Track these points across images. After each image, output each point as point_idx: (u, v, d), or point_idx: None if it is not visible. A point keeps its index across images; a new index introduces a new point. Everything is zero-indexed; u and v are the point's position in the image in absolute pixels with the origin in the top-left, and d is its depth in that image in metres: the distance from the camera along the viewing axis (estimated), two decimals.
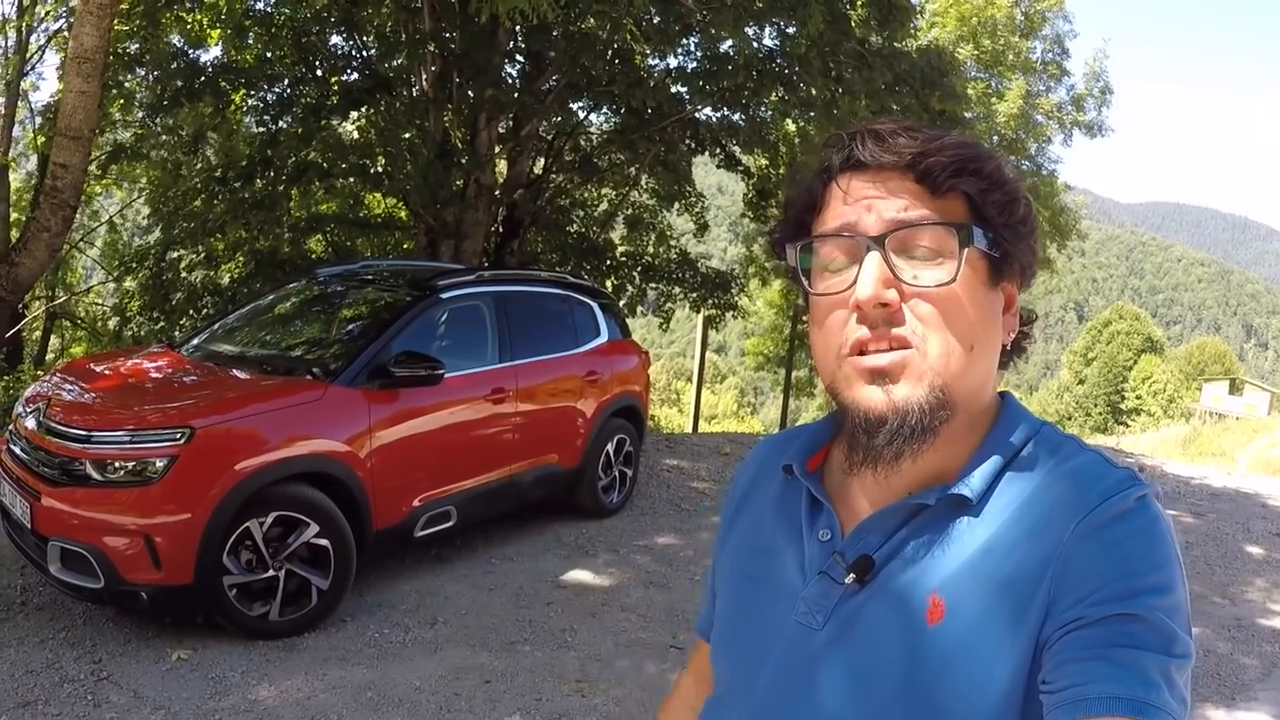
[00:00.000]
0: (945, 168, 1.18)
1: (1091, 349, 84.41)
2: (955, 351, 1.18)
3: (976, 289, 1.21)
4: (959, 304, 1.18)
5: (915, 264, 1.18)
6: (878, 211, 1.20)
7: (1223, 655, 6.84)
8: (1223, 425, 49.87)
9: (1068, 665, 1.05)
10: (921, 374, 1.18)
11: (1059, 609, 1.09)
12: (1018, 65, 30.03)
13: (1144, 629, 1.04)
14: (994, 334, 1.25)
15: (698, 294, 18.32)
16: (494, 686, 5.47)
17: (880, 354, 1.19)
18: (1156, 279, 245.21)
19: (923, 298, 1.18)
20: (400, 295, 7.41)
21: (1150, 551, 1.10)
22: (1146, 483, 1.17)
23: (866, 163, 1.21)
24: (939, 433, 1.20)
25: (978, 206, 1.21)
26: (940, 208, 1.19)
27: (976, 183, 1.20)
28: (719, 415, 60.47)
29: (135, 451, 5.38)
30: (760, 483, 1.49)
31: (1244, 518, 11.17)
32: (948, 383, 1.18)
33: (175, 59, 13.52)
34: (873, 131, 1.21)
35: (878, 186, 1.21)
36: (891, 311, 1.18)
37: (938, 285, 1.17)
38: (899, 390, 1.18)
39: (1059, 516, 1.14)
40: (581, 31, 13.76)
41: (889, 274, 1.18)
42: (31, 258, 9.34)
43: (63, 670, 5.18)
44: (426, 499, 6.81)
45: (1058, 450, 1.24)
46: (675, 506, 9.58)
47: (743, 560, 1.44)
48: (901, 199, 1.19)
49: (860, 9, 14.04)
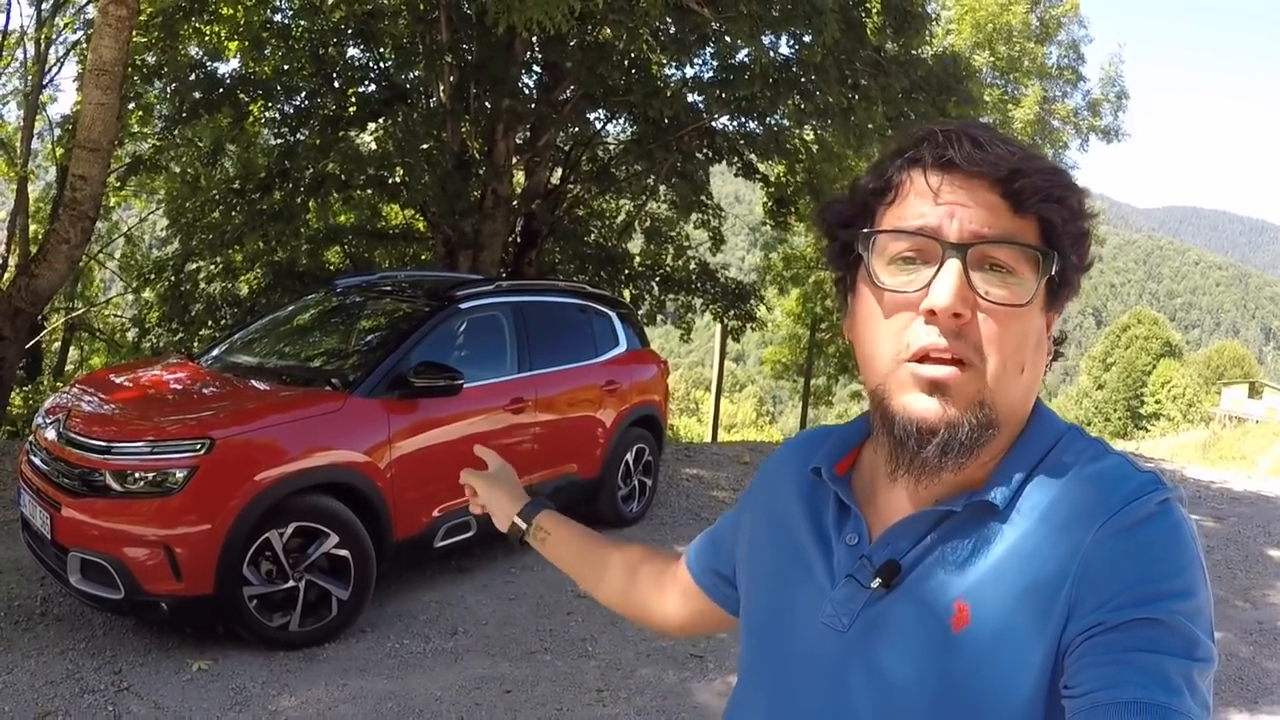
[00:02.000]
0: (1037, 190, 1.17)
1: (1110, 354, 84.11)
2: (1010, 373, 1.18)
3: (1036, 314, 1.20)
4: (1021, 326, 1.18)
5: (989, 280, 1.17)
6: (961, 219, 1.18)
7: (1245, 659, 6.81)
8: (1242, 429, 49.59)
9: (1090, 670, 1.05)
10: (978, 391, 1.17)
11: (1081, 613, 1.09)
12: (1034, 71, 30.01)
13: (1166, 633, 1.04)
14: (1041, 355, 1.24)
15: (718, 305, 18.30)
16: (514, 696, 5.46)
17: (942, 365, 1.17)
18: (1174, 283, 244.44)
19: (991, 315, 1.17)
20: (419, 306, 7.42)
21: (1173, 555, 1.10)
22: (1170, 486, 1.16)
23: (959, 165, 1.18)
24: (982, 450, 1.20)
25: (1054, 234, 1.19)
26: (1019, 227, 1.18)
27: (1060, 211, 1.18)
28: (738, 424, 60.47)
29: (155, 462, 5.38)
30: (789, 478, 1.48)
31: (1265, 521, 11.13)
32: (997, 403, 1.18)
33: (194, 70, 13.59)
34: (971, 135, 1.19)
35: (965, 193, 1.18)
36: (962, 324, 1.16)
37: (1009, 305, 1.16)
38: (953, 407, 1.17)
39: (1082, 520, 1.13)
40: (598, 42, 13.79)
41: (965, 286, 1.16)
42: (51, 269, 9.36)
43: (83, 681, 5.19)
44: (446, 509, 6.80)
45: (1083, 454, 1.23)
46: (695, 515, 9.57)
47: (772, 561, 1.44)
48: (985, 211, 1.18)
49: (876, 17, 14.02)
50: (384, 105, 13.80)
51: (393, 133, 14.11)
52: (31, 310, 9.86)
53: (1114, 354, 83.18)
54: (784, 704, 1.32)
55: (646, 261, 18.28)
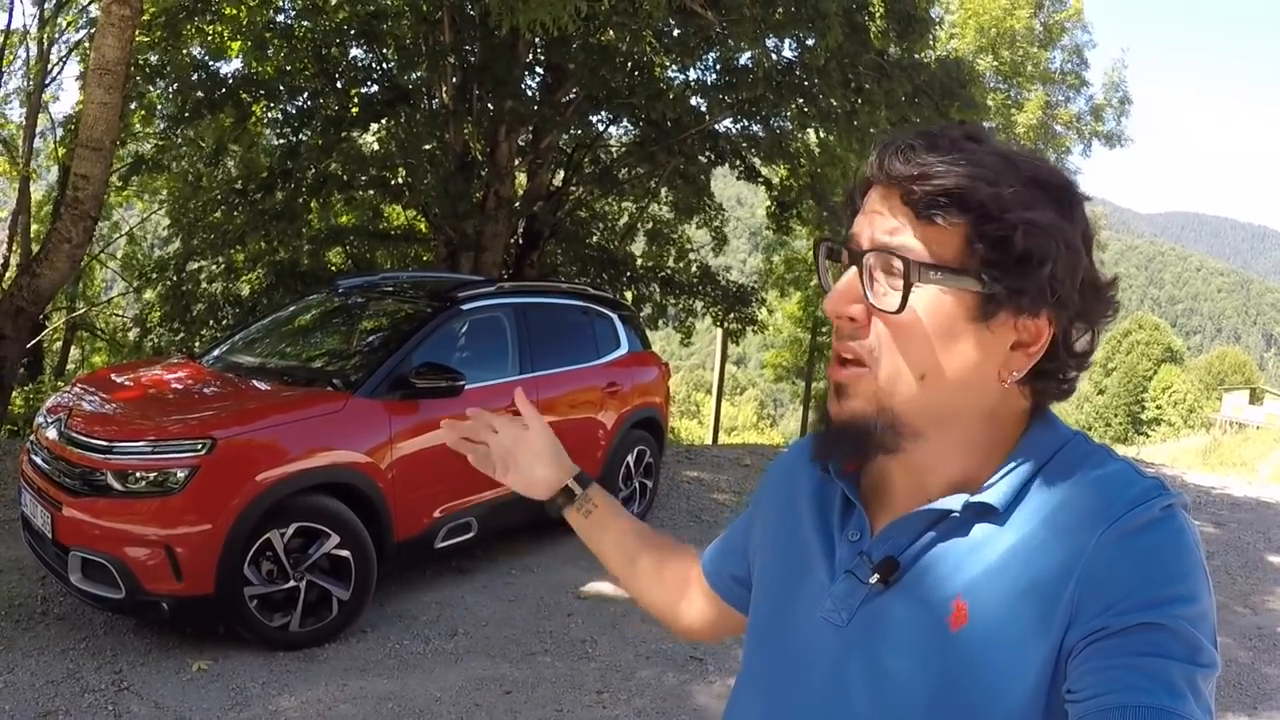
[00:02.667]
0: (925, 197, 1.15)
1: (1111, 359, 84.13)
2: (904, 377, 1.19)
3: (948, 321, 1.18)
4: (910, 332, 1.18)
5: (890, 283, 1.18)
6: (873, 228, 1.21)
7: (1244, 665, 6.82)
8: (1243, 435, 49.65)
9: (1093, 674, 1.04)
10: (870, 393, 1.21)
11: (1084, 617, 1.08)
12: (1037, 76, 30.07)
13: (1169, 638, 1.04)
14: (962, 366, 1.20)
15: (719, 307, 18.31)
16: (514, 697, 5.46)
17: (841, 366, 1.24)
18: (1176, 289, 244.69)
19: (880, 319, 1.20)
20: (421, 307, 7.42)
21: (1177, 561, 1.10)
22: (1174, 492, 1.15)
23: (882, 177, 1.20)
24: (902, 449, 1.23)
25: (969, 239, 1.16)
26: (930, 234, 1.16)
27: (959, 215, 1.15)
28: (739, 427, 60.58)
29: (156, 462, 5.39)
30: (801, 476, 1.49)
31: (1265, 527, 11.13)
32: (895, 407, 1.20)
33: (196, 70, 13.59)
34: (908, 144, 1.19)
35: (883, 203, 1.21)
36: (857, 326, 1.22)
37: (889, 310, 1.18)
38: (847, 404, 1.23)
39: (1084, 524, 1.13)
40: (601, 44, 13.81)
41: (857, 288, 1.20)
42: (52, 268, 9.36)
43: (83, 680, 5.19)
44: (447, 510, 6.81)
45: (1087, 459, 1.22)
46: (695, 518, 9.57)
47: (777, 555, 1.46)
48: (894, 220, 1.19)
49: (879, 20, 14.02)
50: (386, 106, 13.82)
51: (395, 133, 14.11)
52: (33, 309, 9.86)
53: (1115, 359, 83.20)
54: (782, 699, 1.33)
55: (648, 264, 18.29)
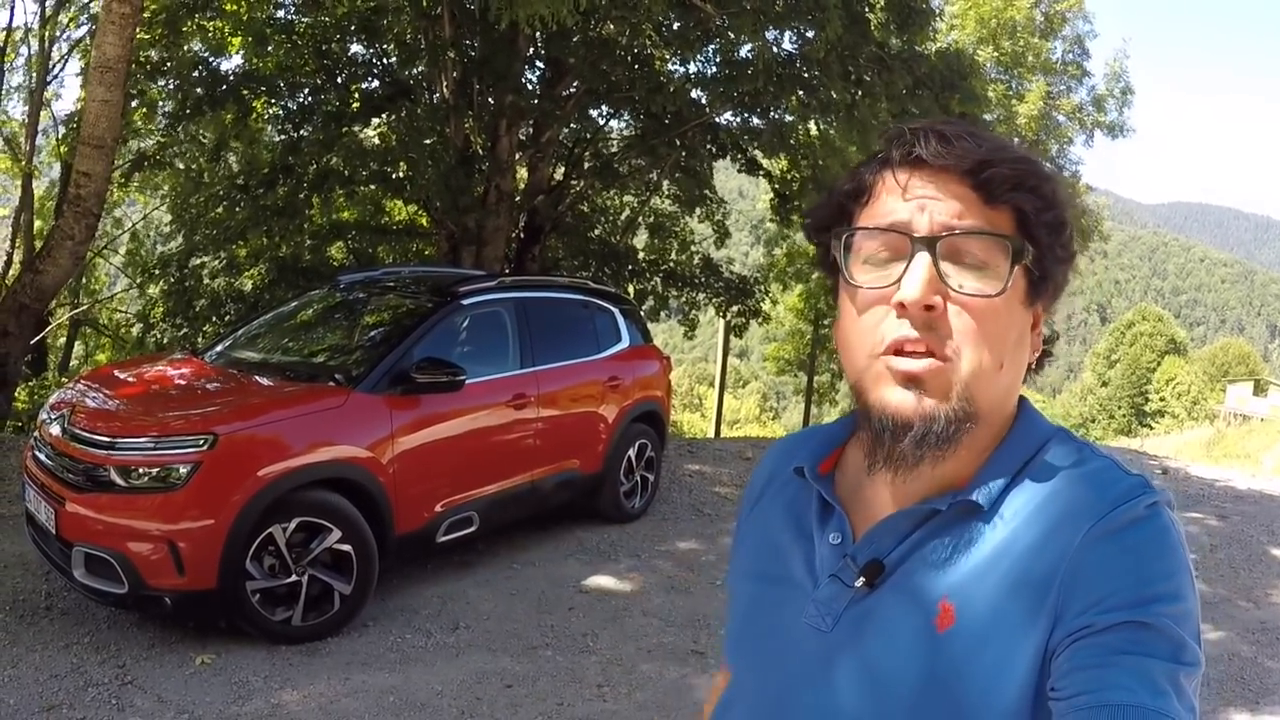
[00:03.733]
0: (1006, 180, 1.16)
1: (1114, 351, 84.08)
2: (986, 366, 1.17)
3: (1015, 306, 1.20)
4: (998, 319, 1.18)
5: (961, 272, 1.18)
6: (931, 213, 1.18)
7: (1247, 659, 6.80)
8: (1247, 427, 49.51)
9: (1077, 672, 1.05)
10: (952, 385, 1.17)
11: (1068, 616, 1.09)
12: (1038, 66, 30.02)
13: (1153, 637, 1.05)
14: (1023, 351, 1.24)
15: (721, 299, 18.29)
16: (516, 691, 5.48)
17: (916, 358, 1.17)
18: (1179, 280, 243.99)
19: (965, 307, 1.17)
20: (422, 302, 7.44)
21: (1161, 559, 1.10)
22: (1158, 490, 1.16)
23: (927, 161, 1.19)
24: (960, 442, 1.20)
25: (1028, 224, 1.18)
26: (991, 218, 1.18)
27: (1032, 200, 1.18)
28: (741, 420, 60.52)
29: (159, 457, 5.41)
30: (774, 484, 1.49)
31: (1268, 520, 11.09)
32: (974, 396, 1.18)
33: (197, 67, 13.59)
34: (938, 131, 1.19)
35: (935, 187, 1.19)
36: (934, 316, 1.17)
37: (982, 296, 1.16)
38: (928, 399, 1.17)
39: (1069, 523, 1.14)
40: (601, 37, 13.79)
41: (936, 278, 1.17)
42: (55, 265, 9.38)
43: (87, 675, 5.21)
44: (448, 504, 6.83)
45: (1071, 456, 1.23)
46: (697, 511, 9.58)
47: (755, 562, 1.44)
48: (956, 203, 1.18)
49: (879, 12, 14.01)
50: (387, 101, 13.81)
51: (396, 128, 14.11)
52: (37, 306, 9.89)
53: (1118, 350, 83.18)
54: (769, 705, 1.32)
55: (650, 257, 18.28)
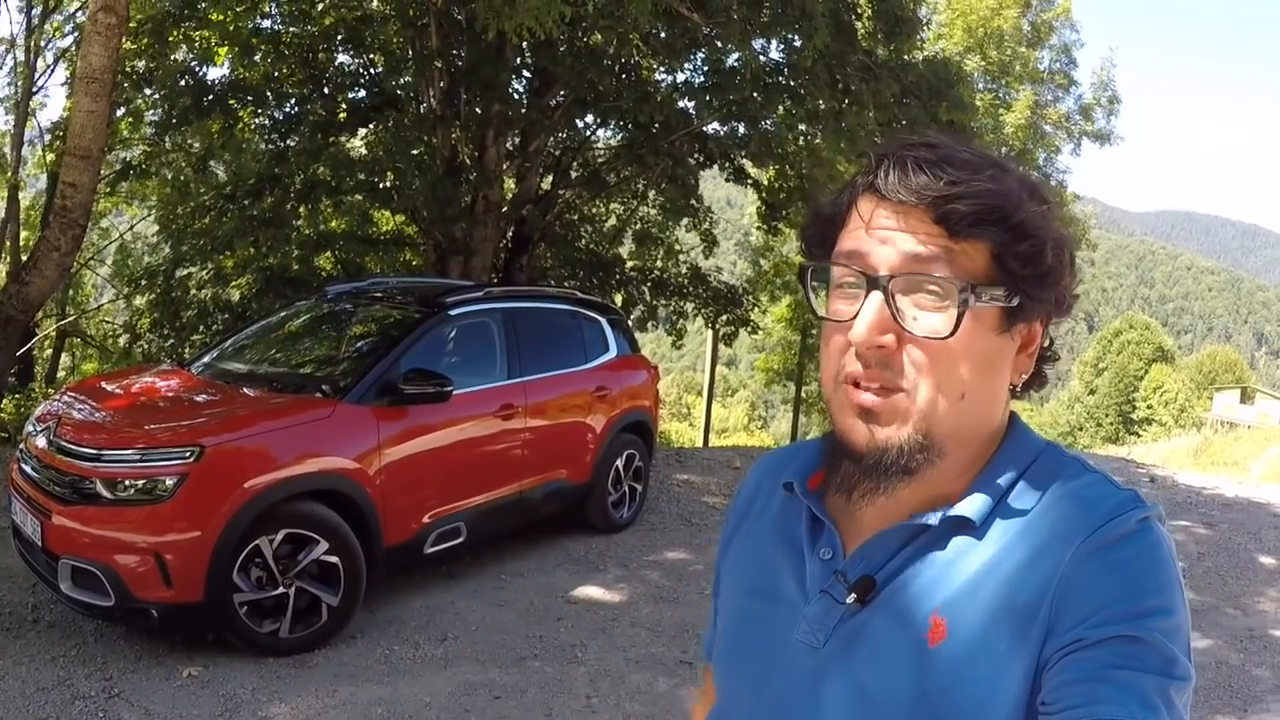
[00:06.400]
0: (964, 217, 1.14)
1: (1102, 359, 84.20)
2: (944, 400, 1.18)
3: (980, 336, 1.18)
4: (953, 355, 1.17)
5: (920, 304, 1.17)
6: (892, 246, 1.17)
7: (1235, 667, 6.82)
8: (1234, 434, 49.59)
9: (1068, 686, 1.05)
10: (906, 418, 1.18)
11: (1060, 630, 1.09)
12: (1025, 75, 30.06)
13: (1145, 651, 1.05)
14: (994, 378, 1.23)
15: (710, 309, 18.26)
16: (504, 702, 5.47)
17: (870, 393, 1.19)
18: (1166, 288, 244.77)
19: (917, 345, 1.17)
20: (409, 312, 7.43)
21: (1152, 574, 1.11)
22: (1149, 505, 1.16)
23: (886, 195, 1.18)
24: (919, 472, 1.20)
25: (998, 256, 1.17)
26: (959, 248, 1.16)
27: (998, 234, 1.16)
28: (730, 429, 60.50)
29: (145, 470, 5.39)
30: (760, 498, 1.49)
31: (1256, 527, 11.12)
32: (930, 427, 1.18)
33: (184, 76, 13.56)
34: (899, 160, 1.17)
35: (900, 219, 1.17)
36: (887, 354, 1.17)
37: (934, 336, 1.16)
38: (882, 431, 1.19)
39: (1061, 537, 1.14)
40: (588, 47, 13.79)
41: (888, 316, 1.16)
42: (42, 276, 9.35)
43: (74, 687, 5.19)
44: (436, 515, 6.82)
45: (1061, 471, 1.23)
46: (685, 521, 9.58)
47: (744, 578, 1.44)
48: (916, 238, 1.16)
49: (866, 21, 14.03)
50: (374, 111, 13.81)
51: (383, 138, 14.09)
52: (23, 317, 9.85)
53: (1106, 359, 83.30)
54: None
55: (638, 265, 18.27)
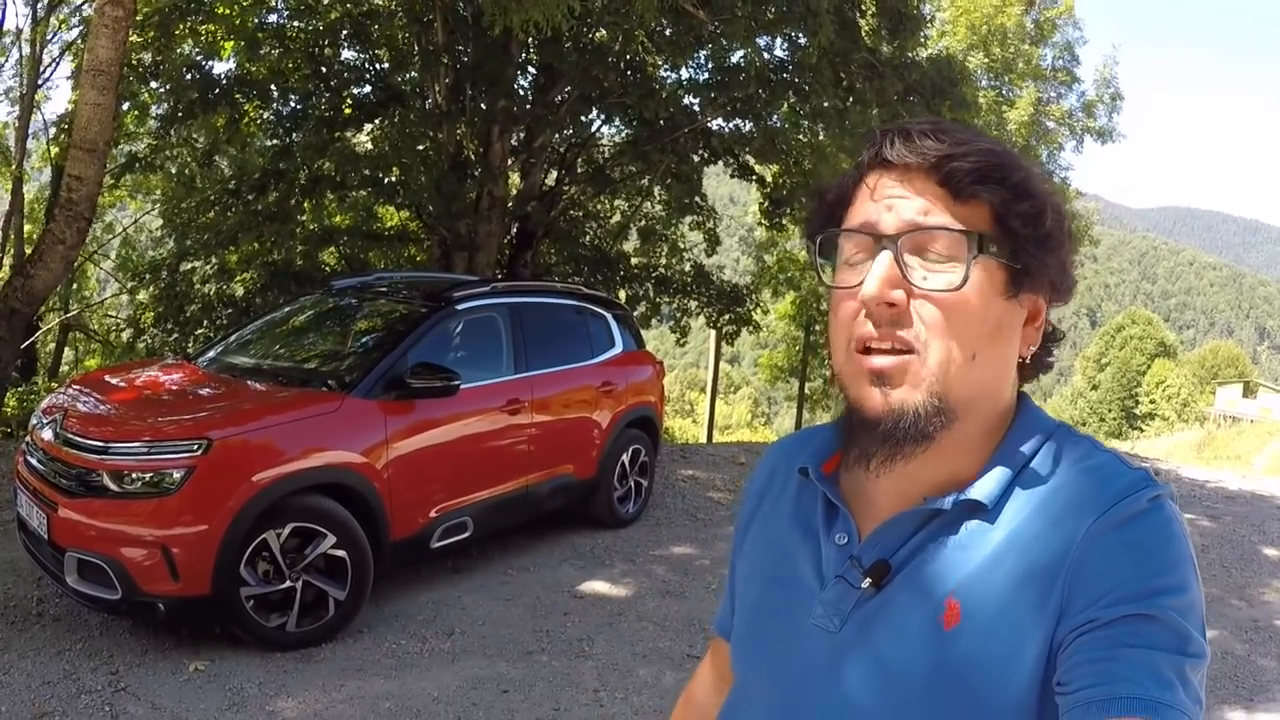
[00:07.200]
0: (967, 174, 1.17)
1: (1105, 354, 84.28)
2: (956, 358, 1.18)
3: (990, 298, 1.19)
4: (965, 310, 1.18)
5: (928, 266, 1.18)
6: (897, 211, 1.20)
7: (1240, 657, 6.84)
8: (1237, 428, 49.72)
9: (1083, 666, 1.05)
10: (920, 379, 1.18)
11: (1073, 609, 1.09)
12: (1028, 73, 30.13)
13: (1158, 629, 1.05)
14: (1004, 344, 1.23)
15: (713, 308, 18.25)
16: (511, 696, 5.47)
17: (883, 355, 1.19)
18: (1169, 283, 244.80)
19: (929, 300, 1.18)
20: (415, 307, 7.42)
21: (1165, 552, 1.10)
22: (1162, 484, 1.16)
23: (893, 161, 1.21)
24: (936, 439, 1.20)
25: (1002, 216, 1.19)
26: (963, 213, 1.18)
27: (1000, 191, 1.18)
28: (733, 425, 60.53)
29: (152, 463, 5.38)
30: (775, 483, 1.49)
31: (1260, 520, 11.16)
32: (946, 389, 1.18)
33: (189, 70, 13.55)
34: (903, 131, 1.21)
35: (902, 186, 1.21)
36: (898, 312, 1.19)
37: (945, 290, 1.17)
38: (896, 393, 1.19)
39: (1072, 517, 1.14)
40: (594, 43, 13.81)
41: (898, 274, 1.18)
42: (46, 270, 9.34)
43: (80, 681, 5.19)
44: (443, 510, 6.82)
45: (1073, 452, 1.23)
46: (691, 516, 9.58)
47: (760, 563, 1.44)
48: (923, 200, 1.19)
49: (870, 19, 14.05)
50: (380, 106, 13.80)
51: (388, 134, 14.08)
52: (27, 311, 9.85)
53: (1109, 354, 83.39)
54: (779, 706, 1.32)
55: (642, 262, 18.26)
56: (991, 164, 1.18)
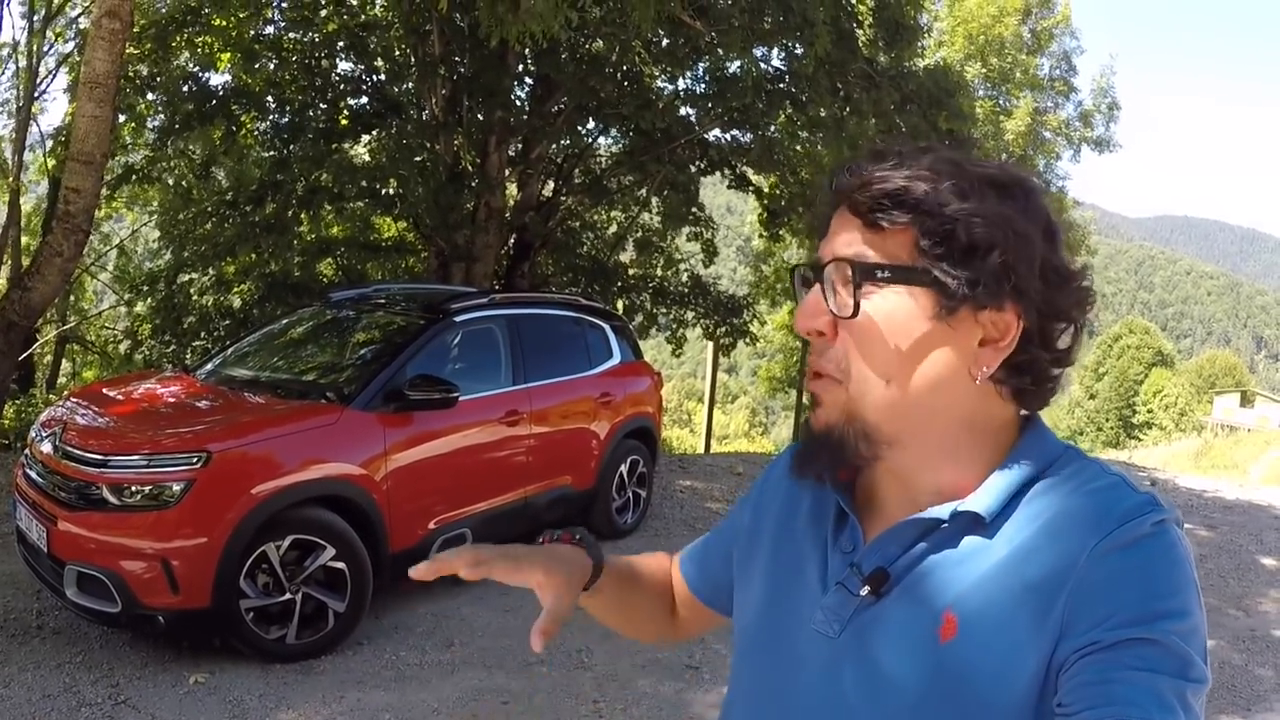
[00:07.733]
0: (864, 204, 1.19)
1: (1102, 364, 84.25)
2: (870, 382, 1.21)
3: (911, 321, 1.19)
4: (870, 336, 1.20)
5: (849, 294, 1.21)
6: (834, 245, 1.24)
7: (1237, 667, 6.85)
8: (1234, 438, 49.80)
9: (1085, 688, 1.05)
10: (837, 402, 1.24)
11: (1075, 631, 1.09)
12: (1025, 83, 30.13)
13: (1161, 653, 1.05)
14: (929, 366, 1.21)
15: (710, 320, 18.23)
16: (512, 708, 5.47)
17: (814, 379, 1.26)
18: (1166, 292, 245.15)
19: (846, 330, 1.22)
20: (413, 319, 7.44)
21: (1169, 576, 1.10)
22: (1167, 508, 1.16)
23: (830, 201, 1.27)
24: (876, 458, 1.25)
25: (915, 239, 1.18)
26: (880, 240, 1.20)
27: (902, 215, 1.18)
28: (731, 435, 60.34)
29: (152, 475, 5.39)
30: (795, 485, 1.47)
31: (1257, 529, 11.17)
32: (861, 411, 1.22)
33: (186, 82, 13.56)
34: (840, 167, 1.26)
35: (840, 220, 1.25)
36: (825, 340, 1.24)
37: (843, 316, 1.21)
38: (820, 413, 1.26)
39: (1076, 538, 1.14)
40: (591, 54, 13.83)
41: (823, 304, 1.23)
42: (44, 282, 9.33)
43: (80, 694, 5.19)
44: (442, 521, 6.83)
45: (1080, 473, 1.23)
46: (689, 527, 9.58)
47: (770, 564, 1.45)
48: (849, 233, 1.22)
49: (868, 29, 14.08)
50: (377, 118, 13.81)
51: (386, 145, 14.09)
52: (25, 323, 9.83)
53: (1106, 363, 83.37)
54: (776, 709, 1.33)
55: (639, 273, 18.26)
56: (892, 189, 1.18)
